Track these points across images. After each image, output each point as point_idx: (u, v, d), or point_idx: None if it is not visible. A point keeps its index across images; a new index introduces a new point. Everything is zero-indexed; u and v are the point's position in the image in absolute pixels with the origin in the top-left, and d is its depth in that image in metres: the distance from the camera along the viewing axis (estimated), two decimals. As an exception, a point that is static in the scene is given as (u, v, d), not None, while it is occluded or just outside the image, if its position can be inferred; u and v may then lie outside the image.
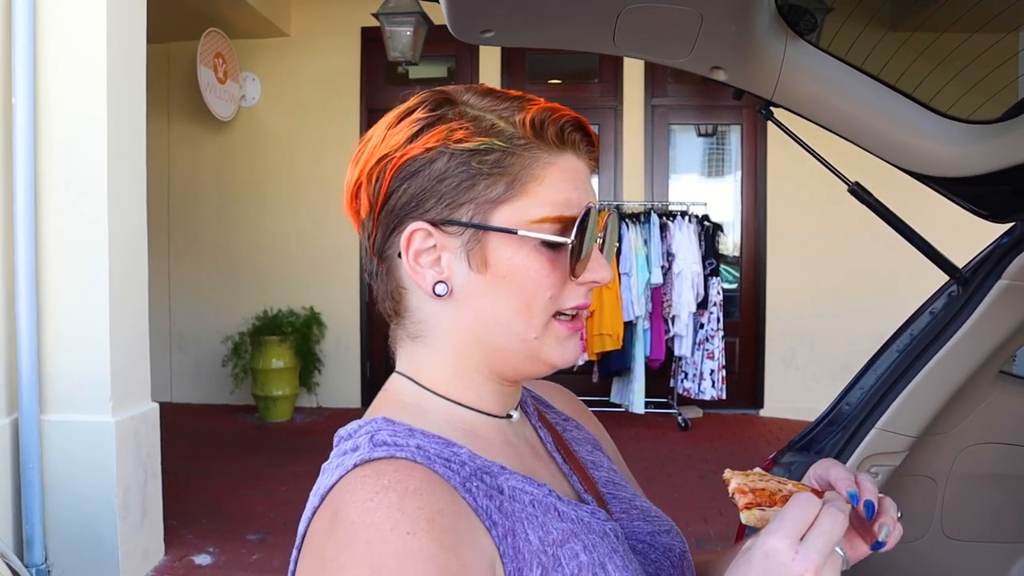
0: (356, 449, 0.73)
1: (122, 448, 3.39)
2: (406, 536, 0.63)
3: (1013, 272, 1.42)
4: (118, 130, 3.45)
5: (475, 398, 0.81)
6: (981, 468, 1.67)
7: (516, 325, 0.76)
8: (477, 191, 0.74)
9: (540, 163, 0.75)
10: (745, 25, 1.28)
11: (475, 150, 0.74)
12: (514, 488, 0.75)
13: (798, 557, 0.63)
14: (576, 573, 0.72)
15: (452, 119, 0.76)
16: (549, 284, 0.76)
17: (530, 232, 0.74)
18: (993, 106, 1.37)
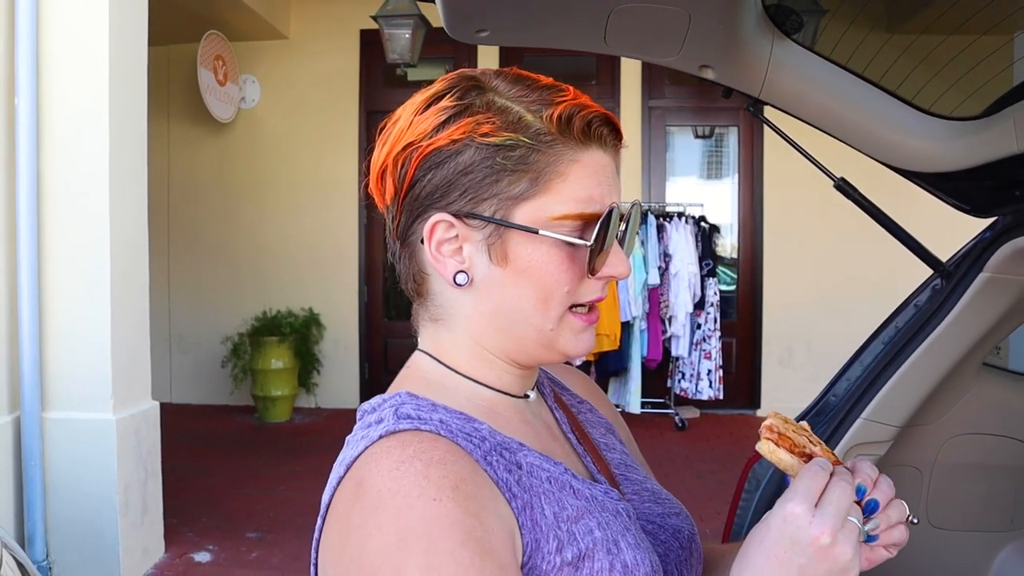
0: (381, 421, 0.75)
1: (123, 446, 3.42)
2: (432, 502, 0.65)
3: (994, 265, 1.45)
4: (119, 131, 3.48)
5: (495, 378, 0.83)
6: (966, 458, 1.70)
7: (534, 317, 0.78)
8: (501, 187, 0.75)
9: (565, 160, 0.76)
10: (732, 24, 1.31)
11: (501, 145, 0.74)
12: (532, 464, 0.78)
13: (815, 521, 0.67)
14: (590, 548, 0.74)
15: (479, 109, 0.76)
16: (567, 279, 0.77)
17: (551, 232, 0.75)
18: (974, 103, 1.41)
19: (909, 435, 1.62)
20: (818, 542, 0.67)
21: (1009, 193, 1.44)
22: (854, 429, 1.53)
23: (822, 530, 0.67)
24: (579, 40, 1.36)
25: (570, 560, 0.72)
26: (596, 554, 0.74)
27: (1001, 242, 1.44)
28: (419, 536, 0.64)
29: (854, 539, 0.68)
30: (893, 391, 1.52)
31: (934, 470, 1.69)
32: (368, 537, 0.65)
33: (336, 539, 0.70)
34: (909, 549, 1.72)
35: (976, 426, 1.69)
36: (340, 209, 6.71)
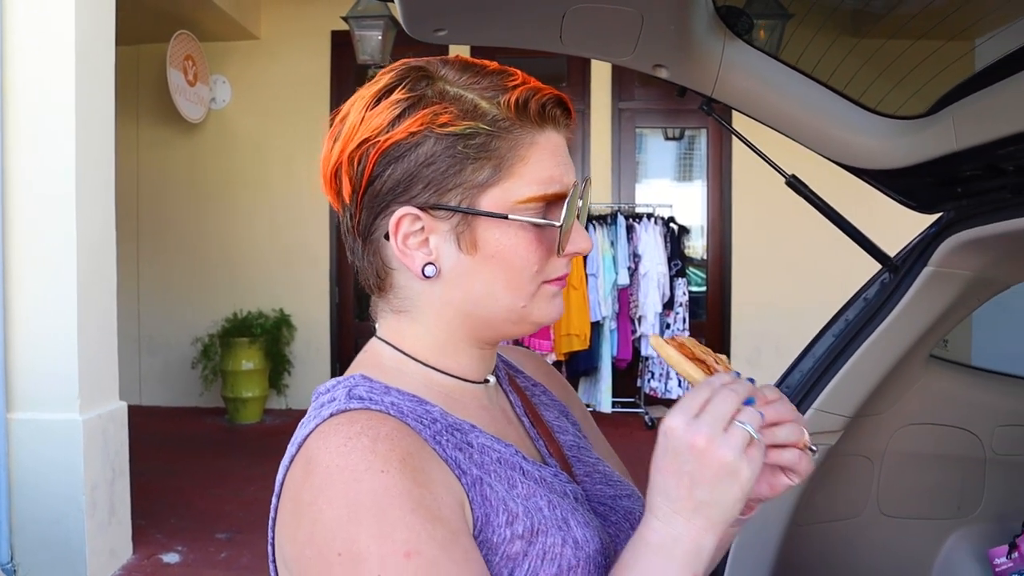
0: (333, 401, 0.76)
1: (90, 447, 3.40)
2: (380, 474, 0.67)
3: (938, 259, 1.50)
4: (86, 131, 3.46)
5: (455, 365, 0.84)
6: (915, 448, 1.75)
7: (505, 299, 0.79)
8: (464, 175, 0.75)
9: (524, 144, 0.77)
10: (685, 25, 1.35)
11: (461, 134, 0.75)
12: (483, 445, 0.79)
13: (689, 429, 0.70)
14: (543, 523, 0.76)
15: (433, 99, 0.76)
16: (537, 259, 0.78)
17: (519, 216, 0.77)
18: (917, 102, 1.46)
19: (860, 425, 1.67)
20: (695, 447, 0.70)
21: (951, 189, 1.49)
22: (806, 419, 1.57)
23: (696, 436, 0.70)
24: (536, 40, 1.39)
25: (521, 534, 0.74)
26: (548, 529, 0.76)
27: (944, 237, 1.49)
28: (368, 507, 0.66)
29: (736, 442, 0.70)
30: (843, 382, 1.57)
31: (884, 459, 1.74)
32: (320, 512, 0.67)
33: (290, 517, 0.71)
34: (861, 536, 1.78)
35: (924, 416, 1.74)
36: (311, 210, 6.69)
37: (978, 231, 1.42)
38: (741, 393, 0.73)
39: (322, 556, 0.66)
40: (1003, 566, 1.67)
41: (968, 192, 1.48)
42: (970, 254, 1.48)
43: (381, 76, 0.80)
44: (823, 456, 1.61)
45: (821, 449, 1.60)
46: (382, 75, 0.80)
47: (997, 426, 1.79)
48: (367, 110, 0.77)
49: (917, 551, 1.82)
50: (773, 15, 1.57)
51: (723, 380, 0.75)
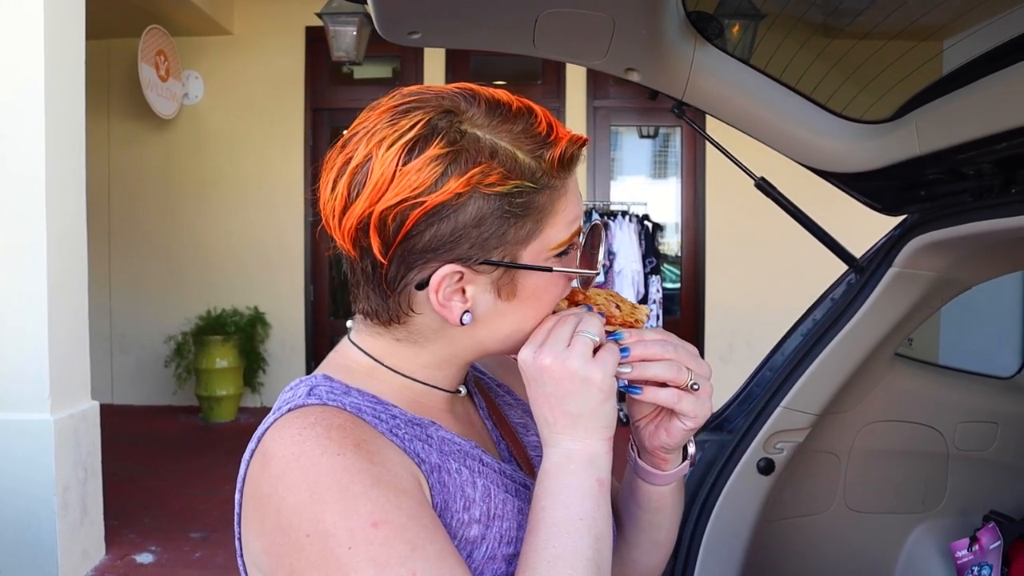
0: (294, 398, 0.78)
1: (61, 447, 3.37)
2: (336, 456, 0.69)
3: (902, 260, 1.54)
4: (55, 127, 3.42)
5: (439, 379, 0.86)
6: (880, 444, 1.79)
7: (528, 330, 0.81)
8: (510, 234, 0.76)
9: (559, 194, 0.79)
10: (656, 30, 1.37)
11: (507, 194, 0.74)
12: (442, 437, 0.81)
13: (537, 355, 0.77)
14: (500, 508, 0.79)
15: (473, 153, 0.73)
16: (561, 293, 0.83)
17: (562, 267, 0.80)
18: (883, 107, 1.49)
19: (827, 423, 1.70)
20: (544, 368, 0.76)
21: (915, 193, 1.53)
22: (774, 417, 1.61)
23: (542, 358, 0.76)
24: (509, 43, 1.40)
25: (478, 517, 0.77)
26: (506, 513, 0.79)
27: (908, 239, 1.52)
28: (329, 486, 0.67)
29: (579, 351, 0.76)
30: (810, 380, 1.60)
31: (851, 456, 1.78)
32: (281, 500, 0.68)
33: (253, 511, 0.72)
34: (828, 531, 1.81)
35: (890, 414, 1.78)
36: (286, 207, 6.66)
37: (941, 233, 1.45)
38: (580, 315, 0.79)
39: (291, 541, 0.67)
40: (964, 559, 1.71)
41: (931, 195, 1.51)
42: (933, 255, 1.52)
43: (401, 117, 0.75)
44: (791, 452, 1.64)
45: (789, 446, 1.63)
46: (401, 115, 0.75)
47: (959, 423, 1.83)
48: (398, 164, 0.72)
49: (883, 545, 1.86)
50: (746, 15, 1.59)
51: (569, 312, 0.81)
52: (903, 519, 1.86)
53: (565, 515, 0.74)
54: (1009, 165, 1.31)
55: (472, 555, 0.76)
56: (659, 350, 0.80)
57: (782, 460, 1.62)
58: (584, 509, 0.75)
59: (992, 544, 1.67)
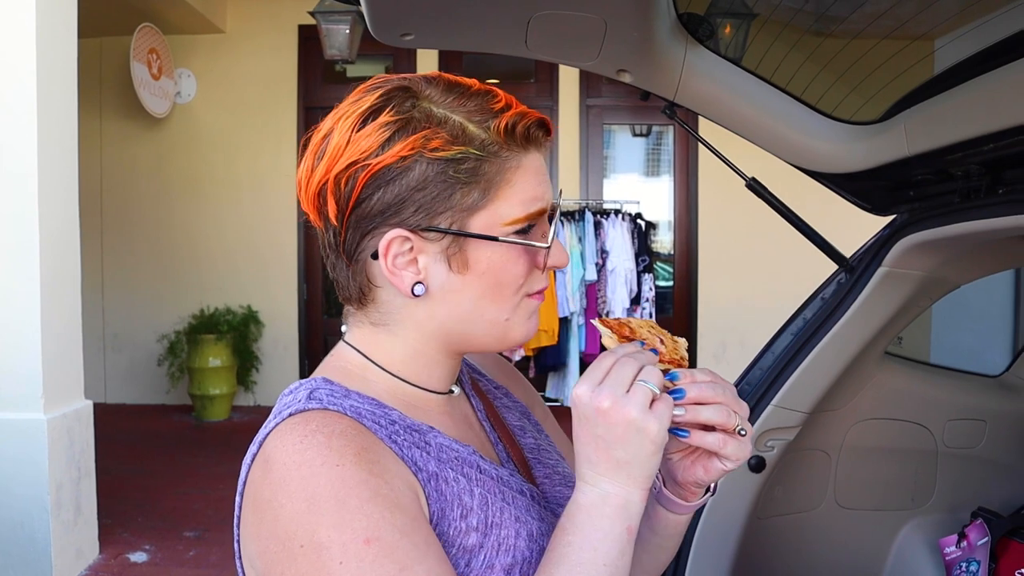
0: (295, 401, 0.78)
1: (54, 446, 3.36)
2: (336, 467, 0.69)
3: (891, 260, 1.55)
4: (48, 126, 3.42)
5: (424, 377, 0.86)
6: (870, 442, 1.81)
7: (490, 313, 0.82)
8: (455, 199, 0.77)
9: (511, 167, 0.79)
10: (647, 31, 1.38)
11: (451, 159, 0.76)
12: (441, 444, 0.82)
13: (594, 396, 0.74)
14: (498, 516, 0.79)
15: (422, 121, 0.77)
16: (522, 274, 0.82)
17: (512, 239, 0.80)
18: (872, 108, 1.50)
19: (818, 421, 1.72)
20: (601, 410, 0.73)
21: (904, 193, 1.55)
22: (765, 415, 1.62)
23: (600, 400, 0.73)
24: (502, 44, 1.41)
25: (476, 526, 0.77)
26: (504, 521, 0.79)
27: (897, 239, 1.54)
28: (326, 499, 0.68)
29: (638, 400, 0.73)
30: (801, 379, 1.62)
31: (841, 453, 1.79)
32: (280, 508, 0.69)
33: (252, 515, 0.73)
34: (819, 527, 1.83)
35: (880, 412, 1.80)
36: (279, 206, 6.65)
37: (929, 233, 1.46)
38: (642, 359, 0.76)
39: (285, 550, 0.68)
40: (952, 554, 1.73)
41: (920, 196, 1.53)
42: (922, 255, 1.53)
43: (364, 95, 0.80)
44: (781, 450, 1.66)
45: (779, 444, 1.64)
46: (365, 93, 0.80)
47: (948, 420, 1.85)
48: (353, 131, 0.77)
49: (873, 541, 1.88)
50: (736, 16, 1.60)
51: (627, 350, 0.77)
52: (893, 516, 1.88)
53: (591, 557, 0.74)
54: (996, 166, 1.32)
55: (470, 564, 0.76)
56: (711, 393, 0.78)
57: (773, 458, 1.64)
58: (610, 555, 0.74)
59: (980, 540, 1.68)
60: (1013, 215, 1.28)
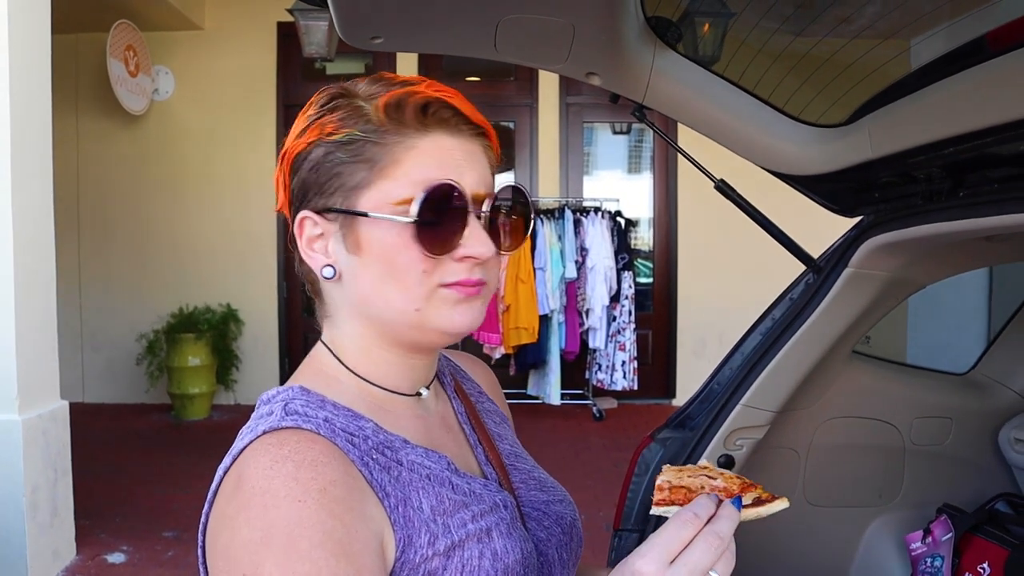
0: (271, 414, 0.78)
1: (29, 447, 3.34)
2: (297, 503, 0.69)
3: (857, 261, 1.57)
4: (21, 123, 3.39)
5: (381, 375, 0.86)
6: (839, 440, 1.83)
7: (395, 300, 0.80)
8: (343, 179, 0.79)
9: (401, 147, 0.78)
10: (615, 35, 1.39)
11: (340, 141, 0.79)
12: (412, 462, 0.81)
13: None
14: (463, 539, 0.78)
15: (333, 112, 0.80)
16: (419, 260, 0.78)
17: (382, 214, 0.78)
18: (838, 111, 1.52)
19: (786, 419, 1.74)
20: None
21: (870, 195, 1.57)
22: (734, 414, 1.64)
23: None
24: (471, 47, 1.42)
25: (441, 551, 0.77)
26: (467, 544, 0.79)
27: (863, 240, 1.56)
28: (280, 535, 0.67)
29: None
30: (769, 378, 1.63)
31: (810, 451, 1.82)
32: (237, 530, 0.69)
33: (214, 527, 0.74)
34: (788, 525, 1.85)
35: (848, 410, 1.82)
36: (258, 204, 6.63)
37: (894, 235, 1.48)
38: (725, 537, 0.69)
39: (229, 573, 0.69)
40: (918, 550, 1.76)
41: (885, 198, 1.55)
42: (887, 256, 1.55)
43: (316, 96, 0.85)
44: (750, 449, 1.67)
45: (748, 443, 1.66)
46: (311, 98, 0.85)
47: (916, 418, 1.88)
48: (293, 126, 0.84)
49: (841, 538, 1.91)
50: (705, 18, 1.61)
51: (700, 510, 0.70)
52: (861, 512, 1.90)
53: None
54: (956, 169, 1.34)
55: None
56: None
57: (742, 456, 1.66)
58: None
59: (944, 536, 1.71)
60: (974, 217, 1.30)
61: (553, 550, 0.93)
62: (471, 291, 0.81)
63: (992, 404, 1.97)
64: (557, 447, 5.48)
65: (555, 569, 0.92)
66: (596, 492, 4.55)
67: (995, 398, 1.98)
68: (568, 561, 0.95)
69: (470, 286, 0.81)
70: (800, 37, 1.52)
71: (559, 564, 0.93)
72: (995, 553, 1.67)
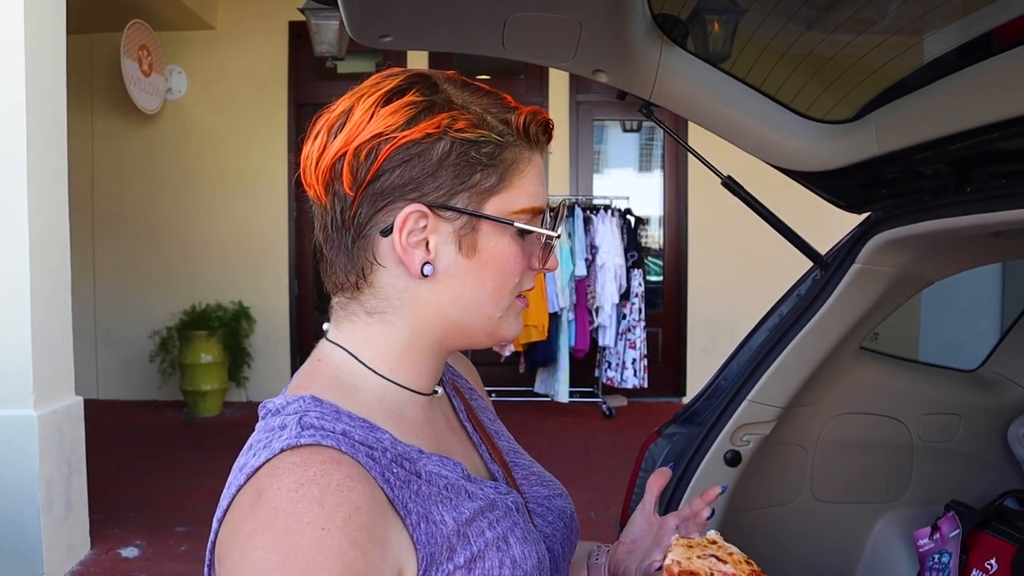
0: (284, 428, 0.75)
1: (45, 442, 3.38)
2: (320, 531, 0.66)
3: (865, 257, 1.57)
4: (38, 123, 3.42)
5: (413, 376, 0.85)
6: (846, 436, 1.83)
7: (487, 306, 0.82)
8: (474, 180, 0.79)
9: (523, 158, 0.82)
10: (623, 32, 1.40)
11: (475, 141, 0.78)
12: (430, 472, 0.80)
13: None
14: (482, 548, 0.78)
15: (445, 105, 0.79)
16: (520, 270, 0.83)
17: (523, 224, 0.81)
18: (845, 107, 1.53)
19: (794, 415, 1.74)
20: None
21: (876, 191, 1.57)
22: (740, 410, 1.64)
23: None
24: (479, 45, 1.43)
25: (462, 564, 0.76)
26: (487, 554, 0.78)
27: (870, 236, 1.56)
28: (299, 562, 0.66)
29: None
30: (776, 374, 1.64)
31: (817, 447, 1.82)
32: (253, 549, 0.67)
33: (227, 542, 0.71)
34: (796, 521, 1.86)
35: (855, 406, 1.82)
36: (269, 202, 6.66)
37: (901, 231, 1.49)
38: None
39: None
40: (925, 547, 1.76)
41: (892, 194, 1.55)
42: (894, 252, 1.56)
43: (385, 79, 0.82)
44: (757, 445, 1.68)
45: (755, 439, 1.67)
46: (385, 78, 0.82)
47: (923, 414, 1.88)
48: (378, 107, 0.78)
49: (849, 534, 1.91)
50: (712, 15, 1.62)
51: None
52: (869, 509, 1.90)
53: None
54: (963, 165, 1.34)
55: None
56: None
57: (748, 452, 1.66)
58: None
59: (952, 533, 1.71)
60: (980, 213, 1.30)
61: (558, 545, 0.94)
62: (526, 303, 0.88)
63: (1001, 401, 1.97)
64: (567, 445, 5.48)
65: (560, 564, 0.94)
66: (607, 489, 4.55)
67: (1004, 395, 1.98)
68: (569, 554, 0.97)
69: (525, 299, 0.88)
70: (807, 32, 1.52)
71: (563, 558, 0.94)
72: (1003, 549, 1.67)
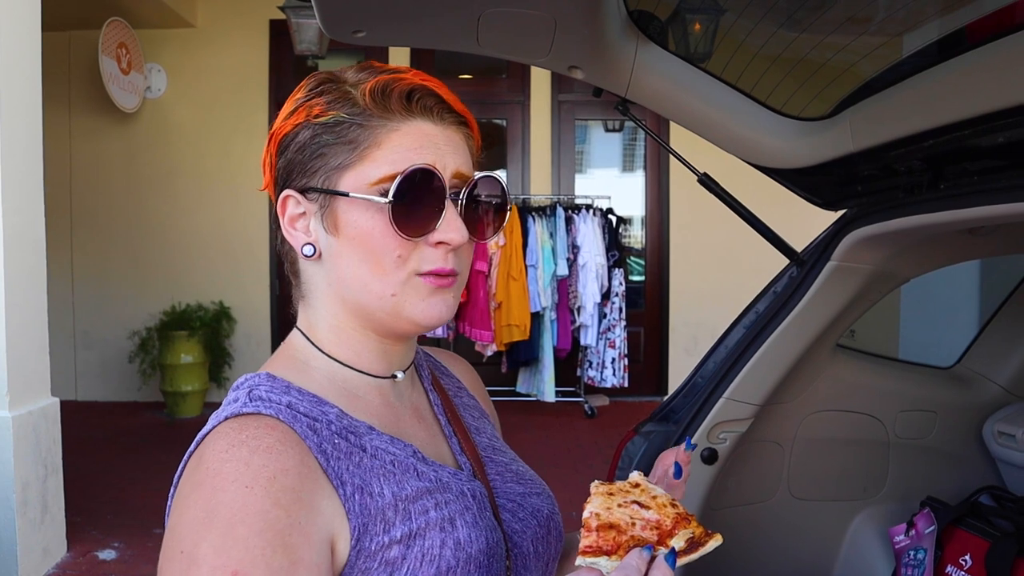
0: (236, 401, 0.79)
1: (20, 444, 3.33)
2: (244, 489, 0.70)
3: (840, 254, 1.58)
4: (12, 121, 3.38)
5: (354, 356, 0.87)
6: (823, 433, 1.83)
7: (372, 284, 0.82)
8: (326, 159, 0.81)
9: (383, 131, 0.80)
10: (598, 29, 1.39)
11: (327, 123, 0.81)
12: (376, 447, 0.82)
13: None
14: (423, 527, 0.78)
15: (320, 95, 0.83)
16: (395, 244, 0.80)
17: (360, 194, 0.80)
18: (819, 104, 1.53)
19: (770, 413, 1.74)
20: None
21: (852, 188, 1.57)
22: (717, 408, 1.64)
23: None
24: (453, 41, 1.42)
25: (399, 538, 0.77)
26: (428, 532, 0.78)
27: (845, 233, 1.56)
28: (222, 518, 0.68)
29: None
30: (752, 372, 1.64)
31: (794, 445, 1.82)
32: (186, 508, 0.71)
33: (174, 501, 0.75)
34: (773, 518, 1.86)
35: (832, 403, 1.82)
36: (250, 201, 6.62)
37: (876, 228, 1.49)
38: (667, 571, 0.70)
39: (170, 548, 0.70)
40: (901, 543, 1.76)
41: (867, 191, 1.55)
42: (869, 249, 1.56)
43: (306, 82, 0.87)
44: (734, 442, 1.68)
45: (732, 436, 1.67)
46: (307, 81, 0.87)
47: (900, 411, 1.89)
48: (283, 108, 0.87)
49: (826, 531, 1.91)
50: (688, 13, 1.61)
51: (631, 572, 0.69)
52: (846, 506, 1.91)
53: None
54: (937, 162, 1.35)
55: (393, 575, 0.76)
56: None
57: (725, 450, 1.66)
58: None
59: (927, 529, 1.72)
60: (954, 209, 1.30)
61: (528, 542, 0.92)
62: (444, 282, 0.82)
63: (977, 398, 1.98)
64: (549, 444, 5.48)
65: (531, 561, 0.92)
66: (587, 488, 4.55)
67: (980, 392, 1.99)
68: (544, 554, 0.95)
69: (444, 276, 0.82)
70: (781, 30, 1.52)
71: (534, 556, 0.93)
72: (977, 545, 1.67)
